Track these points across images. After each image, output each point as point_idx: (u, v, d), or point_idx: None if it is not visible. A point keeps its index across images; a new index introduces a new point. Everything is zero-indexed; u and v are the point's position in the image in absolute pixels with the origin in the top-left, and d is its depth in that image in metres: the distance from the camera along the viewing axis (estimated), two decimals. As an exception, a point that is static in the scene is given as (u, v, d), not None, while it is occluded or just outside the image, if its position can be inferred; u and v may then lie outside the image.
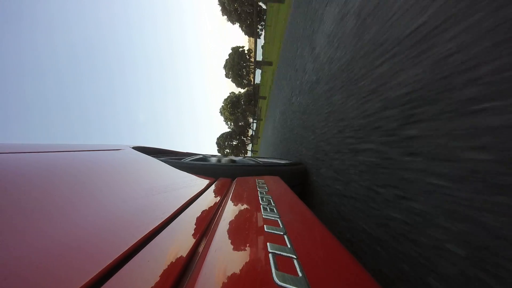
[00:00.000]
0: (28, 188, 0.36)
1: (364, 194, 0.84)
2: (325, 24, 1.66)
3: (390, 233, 0.67)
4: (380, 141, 0.76)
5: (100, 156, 0.73)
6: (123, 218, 0.36)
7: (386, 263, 0.67)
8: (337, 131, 1.16)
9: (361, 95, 0.93)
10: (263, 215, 0.41)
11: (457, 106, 0.49)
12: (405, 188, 0.62)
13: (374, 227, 0.75)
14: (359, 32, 1.01)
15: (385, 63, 0.77)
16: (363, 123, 0.89)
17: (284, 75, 4.23)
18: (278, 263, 0.25)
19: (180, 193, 0.59)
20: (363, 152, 0.88)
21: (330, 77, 1.36)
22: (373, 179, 0.79)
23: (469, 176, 0.46)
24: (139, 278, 0.23)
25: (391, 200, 0.68)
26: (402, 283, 0.60)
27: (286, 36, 5.11)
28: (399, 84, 0.68)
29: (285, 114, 3.36)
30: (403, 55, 0.68)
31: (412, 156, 0.61)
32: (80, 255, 0.25)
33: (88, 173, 0.53)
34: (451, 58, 0.52)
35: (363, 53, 0.95)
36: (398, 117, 0.68)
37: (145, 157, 0.94)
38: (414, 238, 0.57)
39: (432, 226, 0.53)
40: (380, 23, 0.83)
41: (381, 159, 0.75)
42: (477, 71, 0.46)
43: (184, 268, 0.27)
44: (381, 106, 0.77)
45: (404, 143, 0.65)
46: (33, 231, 0.26)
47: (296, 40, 3.26)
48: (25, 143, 0.76)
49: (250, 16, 15.41)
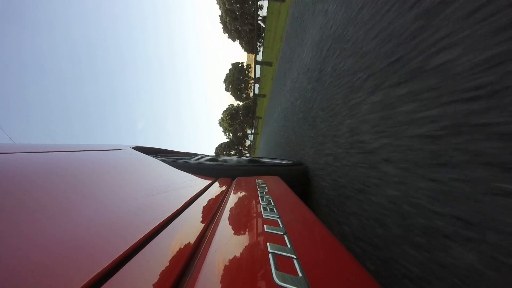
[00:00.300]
0: (29, 188, 0.36)
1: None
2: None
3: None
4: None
5: (100, 156, 0.73)
6: (123, 218, 0.36)
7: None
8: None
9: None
10: (263, 215, 0.41)
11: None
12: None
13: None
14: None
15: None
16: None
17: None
18: (278, 263, 0.25)
19: (180, 193, 0.59)
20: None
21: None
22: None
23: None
24: (139, 278, 0.23)
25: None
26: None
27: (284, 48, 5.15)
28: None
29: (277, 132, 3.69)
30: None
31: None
32: (81, 255, 0.25)
33: (88, 173, 0.53)
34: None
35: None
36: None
37: (145, 157, 0.94)
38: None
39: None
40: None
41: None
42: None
43: (184, 268, 0.27)
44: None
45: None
46: (34, 231, 0.26)
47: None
48: (25, 143, 0.76)
49: (250, 33, 16.61)
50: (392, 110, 0.68)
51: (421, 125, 0.56)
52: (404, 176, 0.61)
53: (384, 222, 0.66)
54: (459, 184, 0.46)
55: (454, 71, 0.49)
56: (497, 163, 0.40)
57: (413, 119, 0.59)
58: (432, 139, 0.53)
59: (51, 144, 0.79)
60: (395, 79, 0.68)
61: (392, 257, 0.62)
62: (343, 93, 1.07)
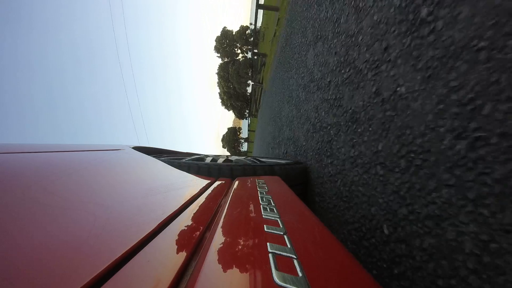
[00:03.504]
0: (28, 188, 0.36)
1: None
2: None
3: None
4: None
5: (100, 156, 0.73)
6: (123, 218, 0.36)
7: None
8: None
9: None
10: (263, 215, 0.41)
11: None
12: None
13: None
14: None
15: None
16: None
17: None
18: (278, 263, 0.25)
19: (180, 193, 0.59)
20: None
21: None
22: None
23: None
24: (139, 278, 0.23)
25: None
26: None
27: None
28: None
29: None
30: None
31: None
32: (81, 255, 0.25)
33: (88, 173, 0.53)
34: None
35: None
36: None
37: (145, 157, 0.94)
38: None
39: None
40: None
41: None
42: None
43: (184, 268, 0.27)
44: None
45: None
46: (34, 231, 0.26)
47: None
48: (25, 143, 0.77)
49: (241, 107, 24.01)
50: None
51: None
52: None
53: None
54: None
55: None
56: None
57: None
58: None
59: (51, 144, 0.79)
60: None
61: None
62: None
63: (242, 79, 20.34)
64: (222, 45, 22.16)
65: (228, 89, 22.48)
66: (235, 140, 30.19)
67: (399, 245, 0.63)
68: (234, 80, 20.53)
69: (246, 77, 19.84)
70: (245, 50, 22.02)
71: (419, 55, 0.61)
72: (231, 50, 22.28)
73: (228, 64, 21.43)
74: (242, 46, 21.89)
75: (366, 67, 0.88)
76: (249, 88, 20.24)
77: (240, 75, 19.98)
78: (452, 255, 0.48)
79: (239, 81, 20.56)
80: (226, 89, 22.59)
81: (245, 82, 20.74)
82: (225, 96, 23.27)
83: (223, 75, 21.94)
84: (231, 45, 22.12)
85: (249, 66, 18.50)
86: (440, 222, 0.51)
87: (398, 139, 0.66)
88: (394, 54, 0.71)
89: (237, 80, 20.37)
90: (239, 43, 21.93)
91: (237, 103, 23.48)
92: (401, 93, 0.66)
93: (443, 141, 0.52)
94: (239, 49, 22.34)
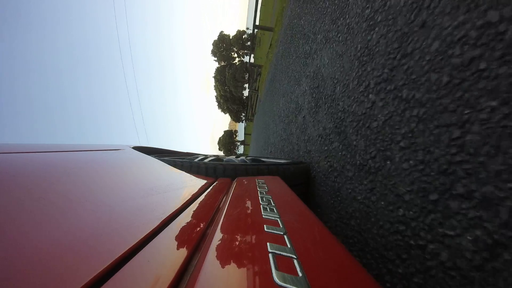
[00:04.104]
0: (28, 188, 0.35)
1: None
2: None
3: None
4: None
5: (100, 156, 0.72)
6: (123, 218, 0.36)
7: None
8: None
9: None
10: (263, 215, 0.41)
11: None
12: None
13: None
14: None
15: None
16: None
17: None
18: (278, 263, 0.25)
19: (180, 193, 0.59)
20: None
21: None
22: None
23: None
24: (139, 278, 0.23)
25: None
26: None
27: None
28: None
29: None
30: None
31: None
32: (81, 255, 0.24)
33: (88, 173, 0.53)
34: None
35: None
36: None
37: (145, 157, 0.94)
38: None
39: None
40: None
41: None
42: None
43: (184, 268, 0.27)
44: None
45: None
46: (33, 231, 0.25)
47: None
48: (25, 143, 0.75)
49: (237, 110, 24.41)
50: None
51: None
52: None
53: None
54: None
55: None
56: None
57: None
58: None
59: (51, 144, 0.78)
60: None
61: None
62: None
63: (239, 83, 20.64)
64: (219, 49, 22.41)
65: (224, 93, 22.86)
66: (231, 143, 30.30)
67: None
68: (231, 83, 20.76)
69: (243, 81, 20.11)
70: (241, 54, 22.34)
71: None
72: (228, 54, 22.56)
73: (225, 68, 21.67)
74: (239, 50, 22.21)
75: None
76: (245, 92, 20.59)
77: (236, 79, 20.26)
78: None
79: (235, 85, 20.84)
80: (222, 92, 22.96)
81: (242, 86, 21.05)
82: (222, 99, 23.68)
83: (219, 79, 22.21)
84: (228, 49, 22.39)
85: (245, 70, 18.76)
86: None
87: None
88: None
89: (234, 84, 20.64)
90: (236, 47, 22.22)
91: (233, 106, 23.89)
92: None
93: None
94: (235, 53, 22.63)
